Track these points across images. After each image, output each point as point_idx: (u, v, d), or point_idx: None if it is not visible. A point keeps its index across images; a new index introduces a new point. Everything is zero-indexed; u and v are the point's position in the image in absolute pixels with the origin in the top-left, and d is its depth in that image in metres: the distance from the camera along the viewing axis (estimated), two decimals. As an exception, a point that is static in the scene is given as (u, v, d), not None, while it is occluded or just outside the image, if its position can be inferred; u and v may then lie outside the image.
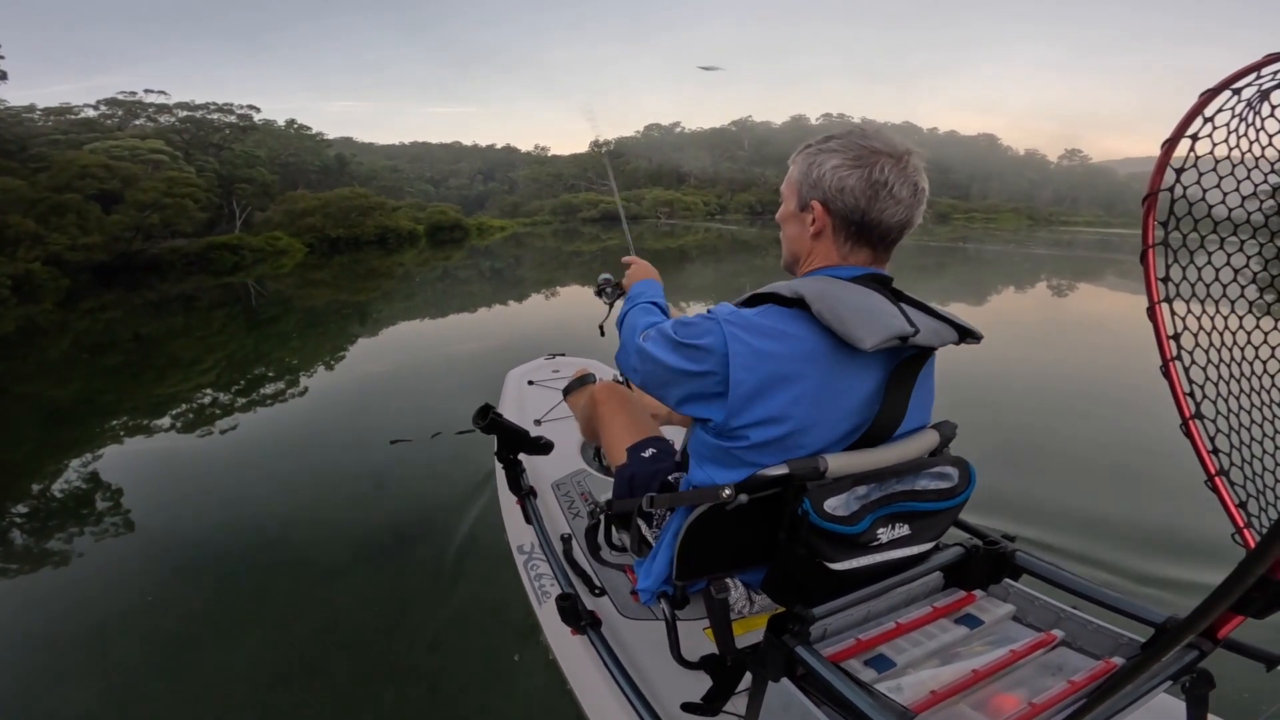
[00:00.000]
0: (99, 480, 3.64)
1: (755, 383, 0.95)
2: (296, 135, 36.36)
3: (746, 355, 0.94)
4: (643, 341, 1.09)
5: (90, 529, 3.05)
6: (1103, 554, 2.82)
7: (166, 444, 4.30)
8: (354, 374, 6.20)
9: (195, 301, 12.51)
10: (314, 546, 2.86)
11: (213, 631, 2.29)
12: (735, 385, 0.95)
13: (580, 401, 2.25)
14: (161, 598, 2.49)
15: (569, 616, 1.42)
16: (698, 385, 0.99)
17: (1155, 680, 0.78)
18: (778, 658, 0.84)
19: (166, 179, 20.13)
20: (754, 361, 0.94)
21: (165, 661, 2.15)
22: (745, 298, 1.03)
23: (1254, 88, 0.97)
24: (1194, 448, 1.09)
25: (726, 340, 0.95)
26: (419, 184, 56.70)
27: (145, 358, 7.57)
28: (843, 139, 1.02)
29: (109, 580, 2.61)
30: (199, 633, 2.29)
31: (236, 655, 2.17)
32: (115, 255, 17.43)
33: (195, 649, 2.20)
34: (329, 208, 24.88)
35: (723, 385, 0.96)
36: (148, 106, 28.58)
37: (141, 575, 2.65)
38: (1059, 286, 14.11)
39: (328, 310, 11.20)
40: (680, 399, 1.04)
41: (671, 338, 1.03)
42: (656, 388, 1.08)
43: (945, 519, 1.09)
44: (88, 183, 17.83)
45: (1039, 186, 71.07)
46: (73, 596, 2.52)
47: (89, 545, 2.88)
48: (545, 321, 9.27)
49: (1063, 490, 3.64)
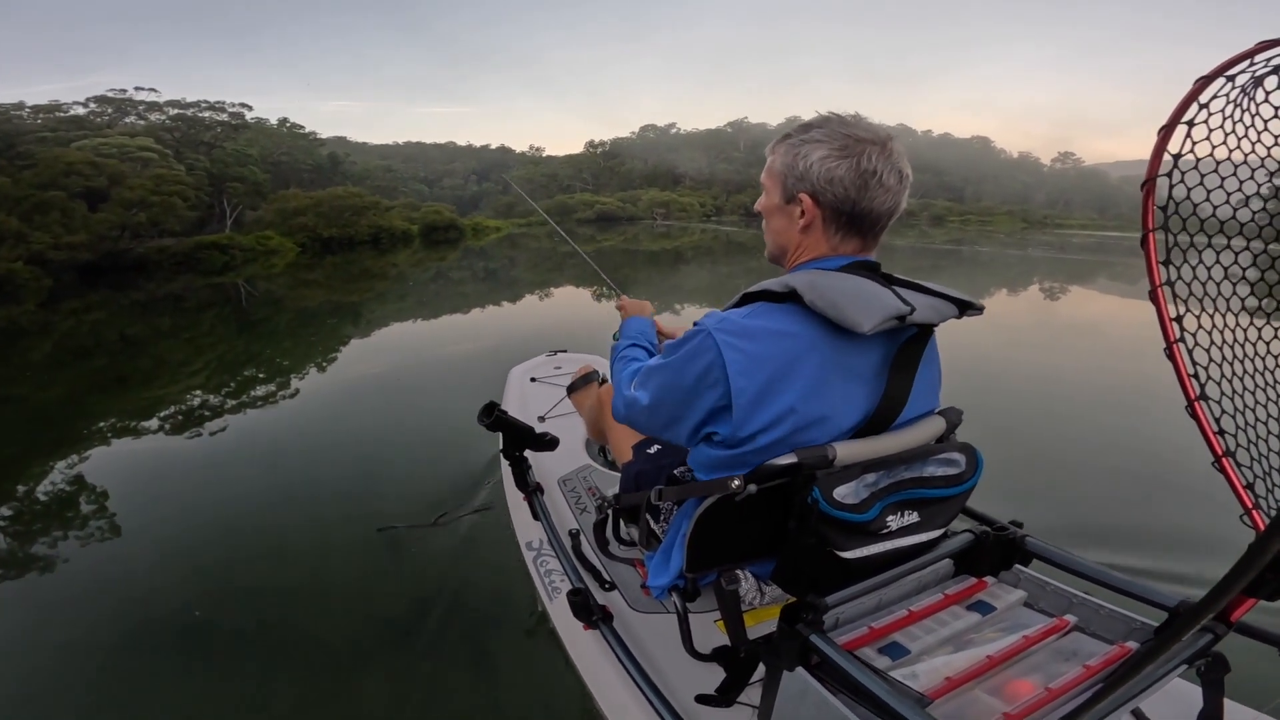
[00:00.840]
0: (84, 483, 3.59)
1: (757, 389, 0.94)
2: (289, 134, 35.53)
3: (743, 362, 0.93)
4: (634, 391, 1.09)
5: (75, 533, 3.01)
6: (1111, 542, 2.84)
7: (153, 446, 4.27)
8: (353, 376, 6.17)
9: (183, 302, 12.21)
10: (315, 547, 2.86)
11: (214, 632, 2.30)
12: (738, 394, 0.94)
13: (586, 401, 2.25)
14: (159, 598, 2.49)
15: (580, 611, 1.42)
16: (701, 406, 0.98)
17: (1170, 664, 0.78)
18: (792, 647, 0.84)
19: (154, 176, 19.42)
20: (752, 367, 0.93)
21: (166, 663, 2.15)
22: (736, 299, 1.02)
23: (1248, 74, 0.98)
24: (1200, 430, 1.09)
25: (720, 349, 0.93)
26: (413, 184, 56.26)
27: (132, 359, 7.44)
28: (824, 128, 1.00)
29: (92, 585, 2.59)
30: (198, 638, 2.29)
31: (247, 662, 2.18)
32: (101, 255, 16.88)
33: (196, 652, 2.21)
34: (321, 207, 24.19)
35: (725, 398, 0.95)
36: (138, 104, 27.95)
37: (126, 580, 2.65)
38: (1054, 289, 14.18)
39: (321, 311, 10.98)
40: (691, 429, 1.02)
41: (661, 367, 1.03)
42: (665, 428, 1.07)
43: (954, 505, 1.09)
44: (73, 180, 17.21)
45: (1032, 189, 71.26)
46: (59, 601, 2.50)
47: (74, 550, 2.85)
48: (544, 321, 9.27)
49: (1069, 479, 3.66)
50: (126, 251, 17.70)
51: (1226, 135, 1.03)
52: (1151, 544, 2.83)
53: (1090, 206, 67.79)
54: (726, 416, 0.96)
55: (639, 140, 74.95)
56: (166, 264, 17.93)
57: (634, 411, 1.10)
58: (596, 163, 65.80)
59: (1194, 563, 2.59)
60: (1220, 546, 2.51)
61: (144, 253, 17.97)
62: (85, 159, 18.17)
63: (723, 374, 0.94)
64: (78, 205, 16.91)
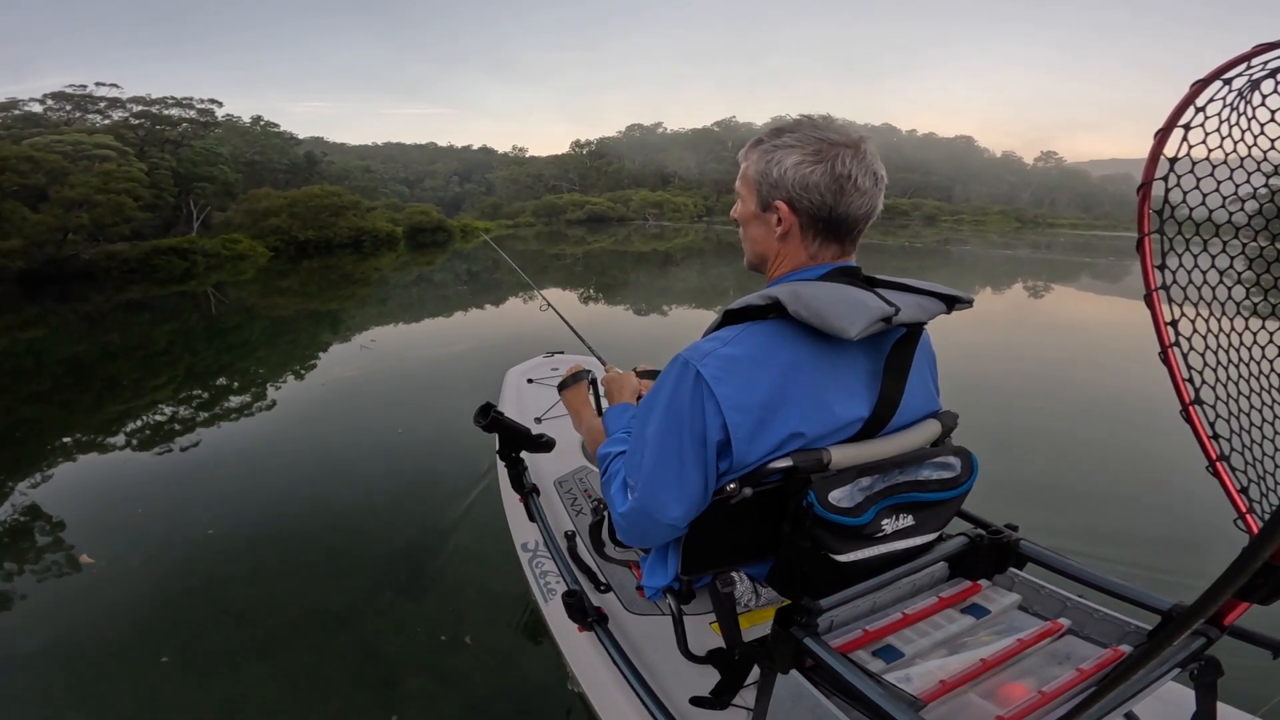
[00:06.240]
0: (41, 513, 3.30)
1: (753, 423, 0.92)
2: (263, 132, 33.57)
3: (733, 395, 0.91)
4: (625, 495, 1.02)
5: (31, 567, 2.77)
6: (1105, 546, 2.85)
7: (111, 468, 4.04)
8: (351, 377, 6.17)
9: (136, 315, 11.01)
10: (315, 550, 2.85)
11: (214, 637, 2.29)
12: (734, 429, 0.92)
13: (576, 401, 2.24)
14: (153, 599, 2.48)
15: (575, 613, 1.41)
16: (703, 447, 0.93)
17: (1163, 668, 0.78)
18: (786, 650, 0.84)
19: (100, 173, 17.31)
20: (744, 398, 0.91)
21: (165, 665, 2.15)
22: (716, 319, 1.00)
23: (1244, 78, 0.98)
24: (1195, 433, 1.10)
25: (709, 385, 0.91)
26: (393, 185, 55.73)
27: (77, 382, 6.52)
28: (796, 133, 0.98)
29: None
30: (198, 650, 2.28)
31: (252, 667, 2.17)
32: (42, 262, 14.98)
33: (193, 657, 2.20)
34: (296, 207, 22.16)
35: (722, 432, 0.93)
36: (99, 100, 25.70)
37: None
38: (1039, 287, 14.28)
39: (298, 319, 10.18)
40: (700, 486, 0.95)
41: (644, 437, 0.98)
42: (668, 505, 0.96)
43: (949, 509, 1.09)
44: (8, 177, 15.16)
45: (1018, 188, 71.93)
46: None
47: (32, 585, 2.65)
48: (544, 320, 9.27)
49: (1064, 482, 3.67)
50: (71, 258, 15.81)
51: (1223, 139, 1.03)
52: (1145, 547, 2.84)
53: (1075, 205, 68.51)
54: (727, 454, 0.95)
55: (625, 139, 74.86)
56: (116, 272, 16.14)
57: (635, 498, 0.99)
58: (583, 163, 65.69)
59: (1188, 566, 2.60)
60: (1214, 550, 2.53)
61: (91, 259, 16.10)
62: (21, 154, 16.07)
63: (717, 410, 0.91)
64: (14, 206, 14.94)
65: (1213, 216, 1.10)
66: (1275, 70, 0.94)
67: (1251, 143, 1.02)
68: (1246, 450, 1.07)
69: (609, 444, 1.19)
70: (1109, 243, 32.16)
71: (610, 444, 1.18)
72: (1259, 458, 1.07)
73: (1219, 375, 1.09)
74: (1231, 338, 1.09)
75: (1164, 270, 1.12)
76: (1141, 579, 2.40)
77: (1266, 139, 1.01)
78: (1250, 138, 1.02)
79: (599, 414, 1.65)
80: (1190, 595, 0.56)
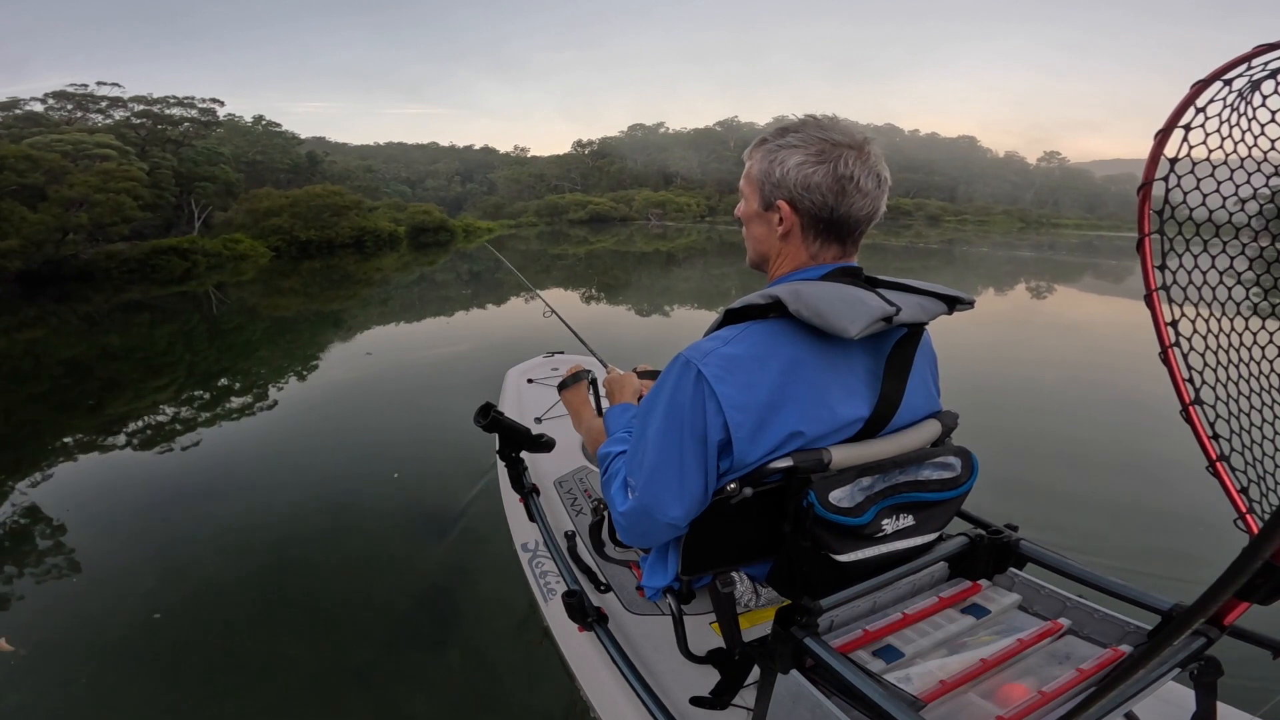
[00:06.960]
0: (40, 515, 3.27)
1: (754, 422, 0.93)
2: (264, 132, 33.64)
3: (734, 395, 0.91)
4: (626, 495, 1.02)
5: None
6: (1105, 545, 2.85)
7: (113, 470, 4.05)
8: (352, 377, 6.18)
9: (136, 316, 10.87)
10: (315, 551, 2.86)
11: (214, 638, 2.29)
12: (735, 428, 0.92)
13: (576, 401, 2.24)
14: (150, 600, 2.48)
15: (575, 613, 1.41)
16: (704, 446, 0.94)
17: (1163, 668, 0.78)
18: (786, 650, 0.84)
19: (100, 172, 17.04)
20: (745, 398, 0.92)
21: (163, 668, 2.15)
22: (718, 319, 1.01)
23: (1245, 78, 0.98)
24: (1195, 433, 1.10)
25: (711, 384, 0.91)
26: (395, 185, 55.67)
27: (77, 383, 6.45)
28: (801, 133, 0.98)
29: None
30: (198, 653, 2.28)
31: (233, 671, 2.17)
32: (41, 262, 14.71)
33: (195, 662, 2.20)
34: (298, 207, 21.96)
35: (723, 431, 0.93)
36: (100, 100, 25.45)
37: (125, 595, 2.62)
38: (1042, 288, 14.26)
39: (299, 320, 10.09)
40: (701, 485, 0.95)
41: (645, 436, 0.98)
42: (668, 504, 0.96)
43: (949, 509, 1.09)
44: (6, 176, 14.93)
45: (1021, 188, 71.99)
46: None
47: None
48: (544, 320, 9.24)
49: (1064, 482, 3.67)
50: (70, 258, 15.56)
51: (1223, 140, 1.03)
52: (1145, 547, 2.84)
53: (1078, 205, 68.57)
54: (727, 454, 0.95)
55: (628, 139, 74.87)
56: (116, 272, 15.98)
57: (635, 498, 1.00)
58: (585, 162, 65.66)
59: (1188, 566, 2.60)
60: (1214, 550, 2.53)
61: (90, 259, 15.90)
62: (19, 153, 15.86)
63: (718, 409, 0.91)
64: (12, 205, 14.66)
65: (1213, 217, 1.10)
66: (1276, 71, 0.94)
67: (1252, 143, 1.02)
68: (1246, 450, 1.07)
69: (610, 443, 1.19)
70: (1113, 243, 32.17)
71: (611, 443, 1.19)
72: (1259, 458, 1.07)
73: (1219, 375, 1.09)
74: (1231, 338, 1.09)
75: (1164, 270, 1.12)
76: (1141, 579, 2.41)
77: (1267, 139, 1.01)
78: (1250, 138, 1.02)
79: (599, 414, 1.65)
80: (1190, 595, 0.57)
